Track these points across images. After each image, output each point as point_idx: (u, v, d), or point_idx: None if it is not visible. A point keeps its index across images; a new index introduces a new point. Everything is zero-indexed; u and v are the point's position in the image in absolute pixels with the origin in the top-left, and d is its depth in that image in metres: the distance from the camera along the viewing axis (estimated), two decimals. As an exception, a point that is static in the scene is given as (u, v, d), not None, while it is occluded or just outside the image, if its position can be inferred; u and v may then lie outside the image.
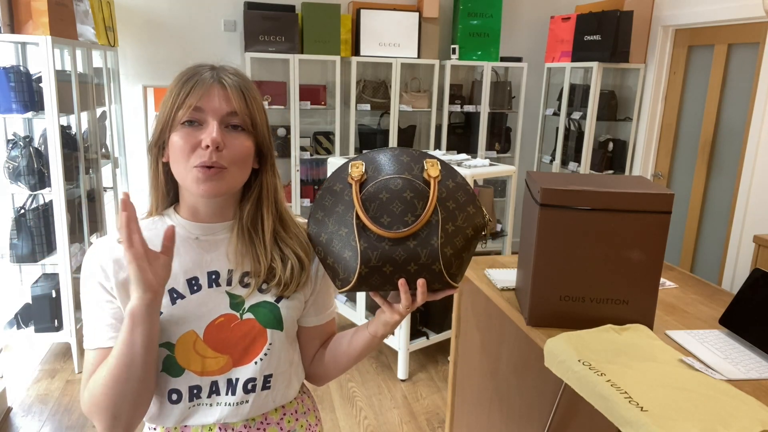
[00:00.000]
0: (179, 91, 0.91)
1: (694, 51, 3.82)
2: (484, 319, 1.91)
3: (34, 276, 3.23)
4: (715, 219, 3.64)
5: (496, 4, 4.48)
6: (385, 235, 0.91)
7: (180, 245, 0.97)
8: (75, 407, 2.75)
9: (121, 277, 0.94)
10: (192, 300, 0.95)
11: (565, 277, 1.40)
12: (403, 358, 3.04)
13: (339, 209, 0.96)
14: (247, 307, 0.97)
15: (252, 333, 0.97)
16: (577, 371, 1.22)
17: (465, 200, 0.97)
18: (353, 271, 0.92)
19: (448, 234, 0.93)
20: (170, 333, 0.93)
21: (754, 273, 1.44)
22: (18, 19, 2.68)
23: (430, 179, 0.94)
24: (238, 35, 4.29)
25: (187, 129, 0.90)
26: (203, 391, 0.97)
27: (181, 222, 0.99)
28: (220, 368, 0.96)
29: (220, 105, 0.91)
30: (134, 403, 0.90)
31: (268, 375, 1.00)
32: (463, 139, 4.79)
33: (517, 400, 1.70)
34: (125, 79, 4.16)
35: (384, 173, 0.96)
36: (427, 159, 0.97)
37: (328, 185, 0.99)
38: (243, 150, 0.93)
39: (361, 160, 0.98)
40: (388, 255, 0.91)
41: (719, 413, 1.07)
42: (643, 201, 1.34)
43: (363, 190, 0.95)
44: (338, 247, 0.94)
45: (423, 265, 0.91)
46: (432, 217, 0.92)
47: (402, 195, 0.93)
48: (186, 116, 0.90)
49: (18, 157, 2.83)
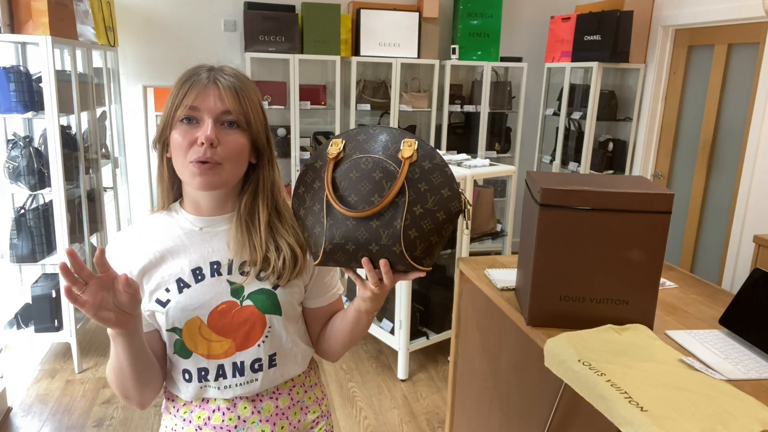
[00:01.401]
0: (178, 91, 0.97)
1: (694, 51, 3.82)
2: (484, 319, 1.91)
3: (34, 276, 3.23)
4: (715, 219, 3.64)
5: (496, 4, 4.48)
6: (347, 214, 0.92)
7: (185, 237, 1.05)
8: (75, 407, 2.75)
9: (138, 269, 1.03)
10: (197, 289, 1.02)
11: (565, 277, 1.40)
12: (403, 358, 3.04)
13: (316, 185, 0.98)
14: (247, 294, 1.04)
15: (252, 319, 1.03)
16: (577, 371, 1.22)
17: (440, 183, 0.94)
18: (320, 246, 0.95)
19: (414, 216, 0.92)
20: (178, 319, 1.01)
21: (754, 273, 1.44)
22: (18, 19, 2.68)
23: (402, 159, 0.94)
24: (238, 35, 4.29)
25: (185, 126, 0.96)
26: (210, 374, 1.05)
27: (185, 216, 1.07)
28: (225, 352, 1.04)
29: (215, 104, 0.96)
30: (138, 390, 1.01)
31: (273, 354, 1.07)
32: (463, 139, 4.79)
33: (517, 400, 1.70)
34: (125, 79, 4.16)
35: (359, 152, 0.97)
36: (405, 138, 0.96)
37: (311, 161, 1.01)
38: (237, 146, 0.98)
39: (342, 137, 1.00)
40: (351, 233, 0.92)
41: (719, 413, 1.07)
42: (643, 201, 1.34)
43: (336, 169, 0.96)
44: (311, 222, 0.97)
45: (384, 246, 0.92)
46: (398, 198, 0.92)
47: (371, 175, 0.94)
48: (184, 114, 0.96)
49: (18, 157, 2.83)
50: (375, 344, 3.44)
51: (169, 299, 1.01)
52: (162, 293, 1.02)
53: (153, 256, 1.03)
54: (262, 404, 1.09)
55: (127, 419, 2.67)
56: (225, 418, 1.07)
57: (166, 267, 1.03)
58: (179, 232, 1.05)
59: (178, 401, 1.11)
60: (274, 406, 1.10)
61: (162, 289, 1.02)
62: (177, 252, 1.04)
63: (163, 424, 1.14)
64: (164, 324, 1.02)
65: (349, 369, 3.18)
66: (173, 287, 1.02)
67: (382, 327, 3.12)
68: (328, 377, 3.10)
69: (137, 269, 1.03)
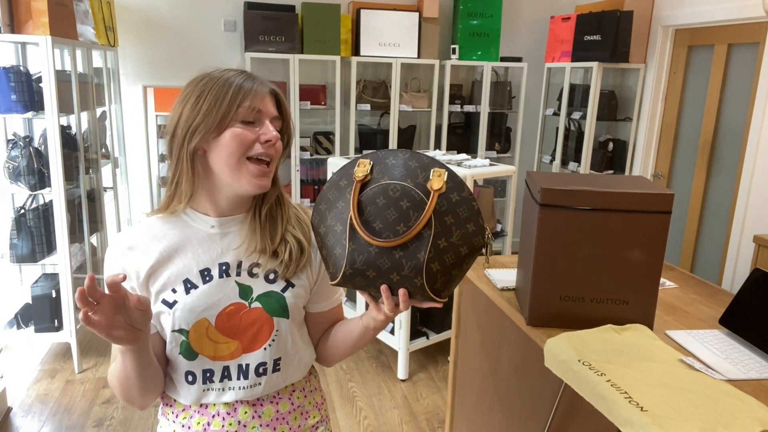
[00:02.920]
0: (231, 91, 0.98)
1: (694, 51, 3.82)
2: (484, 319, 1.91)
3: (34, 276, 3.23)
4: (715, 219, 3.64)
5: (496, 4, 4.48)
6: (371, 242, 0.91)
7: (194, 238, 1.05)
8: (75, 407, 2.75)
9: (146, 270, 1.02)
10: (204, 290, 1.02)
11: (565, 277, 1.40)
12: (403, 358, 3.04)
13: (339, 205, 0.97)
14: (255, 296, 1.04)
15: (260, 321, 1.04)
16: (577, 371, 1.22)
17: (466, 217, 0.94)
18: (339, 269, 0.94)
19: (438, 249, 0.91)
20: (185, 320, 1.01)
21: (754, 273, 1.44)
22: (18, 19, 2.68)
23: (431, 190, 0.93)
24: (238, 35, 4.29)
25: (247, 126, 1.00)
26: (215, 375, 1.04)
27: (196, 215, 1.07)
28: (231, 353, 1.03)
29: (270, 109, 1.03)
30: (141, 395, 1.02)
31: (278, 358, 1.07)
32: (463, 139, 4.79)
33: (517, 400, 1.70)
34: (125, 79, 4.16)
35: (387, 177, 0.95)
36: (435, 168, 0.95)
37: (335, 178, 1.00)
38: (281, 149, 1.05)
39: (370, 158, 0.98)
40: (373, 261, 0.91)
41: (719, 413, 1.07)
42: (643, 201, 1.34)
43: (363, 192, 0.95)
44: (332, 241, 0.96)
45: (405, 277, 0.91)
46: (424, 231, 0.91)
47: (398, 203, 0.92)
48: (249, 116, 1.00)
49: (18, 157, 2.83)
50: (375, 344, 3.44)
51: (176, 300, 1.01)
52: (168, 294, 1.01)
53: (160, 256, 1.03)
54: (262, 409, 1.09)
55: (127, 419, 2.67)
56: (225, 423, 1.06)
57: (173, 267, 1.02)
58: (188, 232, 1.05)
59: (176, 406, 1.09)
60: (274, 411, 1.10)
61: (168, 289, 1.02)
62: (185, 252, 1.03)
63: (162, 427, 1.12)
64: (170, 325, 1.01)
65: (349, 369, 3.18)
66: (180, 288, 1.01)
67: (382, 327, 3.12)
68: (328, 377, 3.10)
69: (144, 269, 1.02)
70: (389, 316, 0.98)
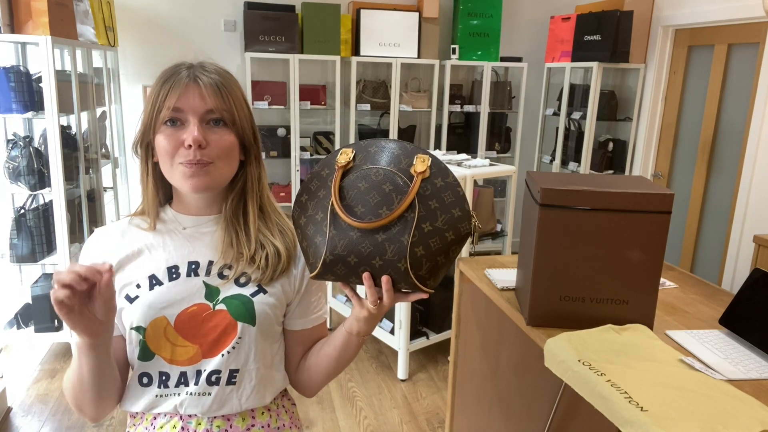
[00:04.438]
0: (158, 92, 0.93)
1: (694, 51, 3.82)
2: (484, 319, 1.91)
3: (34, 276, 3.23)
4: (715, 219, 3.64)
5: (496, 4, 4.48)
6: (352, 225, 0.88)
7: (167, 235, 1.02)
8: (75, 407, 2.75)
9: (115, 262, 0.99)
10: (169, 287, 0.97)
11: (565, 277, 1.40)
12: (403, 358, 3.04)
13: (321, 194, 0.95)
14: (221, 298, 0.98)
15: (222, 324, 0.97)
16: (577, 371, 1.22)
17: (451, 202, 0.92)
18: (319, 258, 0.90)
19: (423, 233, 0.89)
20: (143, 317, 0.96)
21: (754, 273, 1.44)
22: (18, 19, 2.68)
23: (415, 174, 0.91)
24: (238, 35, 4.29)
25: (170, 129, 0.93)
26: (171, 380, 0.98)
27: (171, 213, 1.04)
28: (189, 359, 0.97)
29: (198, 103, 0.93)
30: (95, 403, 0.96)
31: (234, 370, 0.99)
32: (463, 139, 4.79)
33: (517, 400, 1.70)
34: (125, 79, 4.16)
35: (370, 163, 0.93)
36: (419, 154, 0.93)
37: (317, 169, 0.98)
38: (225, 144, 0.95)
39: (353, 147, 0.96)
40: (354, 245, 0.88)
41: (719, 413, 1.07)
42: (643, 201, 1.34)
43: (344, 178, 0.93)
44: (312, 231, 0.93)
45: (388, 261, 0.88)
46: (407, 213, 0.89)
47: (381, 187, 0.90)
48: (167, 116, 0.92)
49: (18, 157, 2.83)
50: (375, 344, 3.44)
51: (138, 295, 0.96)
52: (132, 289, 0.97)
53: (131, 251, 1.00)
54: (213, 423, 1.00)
55: (127, 419, 2.67)
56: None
57: (141, 262, 0.99)
58: (163, 230, 1.02)
59: (128, 416, 1.04)
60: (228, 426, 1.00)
61: (133, 284, 0.98)
62: (156, 249, 1.00)
63: None
64: (128, 322, 0.96)
65: (349, 369, 3.18)
66: (144, 283, 0.97)
67: (382, 327, 3.12)
68: (328, 377, 3.10)
69: (113, 262, 0.99)
70: (372, 313, 0.93)
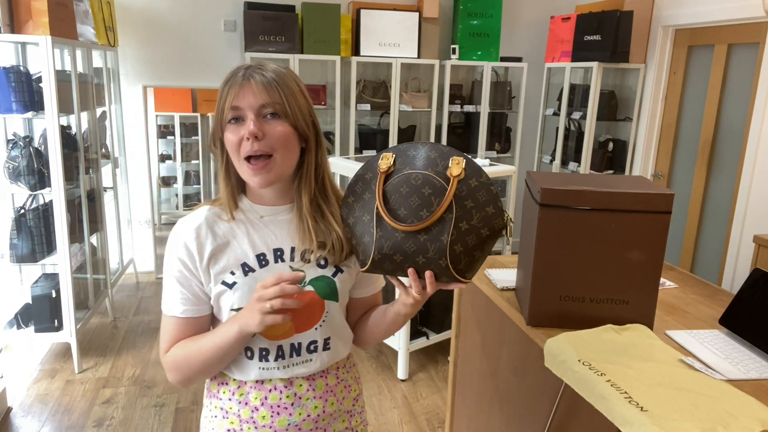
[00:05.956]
0: (221, 94, 1.04)
1: (694, 51, 3.83)
2: (484, 319, 1.91)
3: (34, 276, 3.23)
4: (715, 219, 3.64)
5: (496, 4, 4.48)
6: (397, 228, 0.97)
7: (248, 224, 1.11)
8: (75, 407, 2.75)
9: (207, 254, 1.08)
10: (261, 273, 1.08)
11: (565, 277, 1.40)
12: (403, 358, 3.04)
13: (366, 196, 1.04)
14: (308, 280, 1.10)
15: (312, 303, 1.11)
16: (577, 371, 1.22)
17: (485, 200, 1.00)
18: (369, 255, 1.00)
19: (460, 232, 0.97)
20: (246, 300, 1.07)
21: (754, 273, 1.44)
22: (18, 19, 2.68)
23: (451, 177, 0.99)
24: (238, 35, 4.29)
25: (233, 125, 1.03)
26: (271, 354, 1.11)
27: (246, 203, 1.13)
28: (284, 333, 1.10)
29: (252, 100, 1.01)
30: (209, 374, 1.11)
31: (327, 338, 1.15)
32: (463, 139, 4.80)
33: (517, 400, 1.70)
34: (125, 79, 4.16)
35: (410, 167, 1.02)
36: (454, 156, 1.02)
37: (361, 172, 1.07)
38: (281, 134, 1.03)
39: (392, 152, 1.05)
40: (400, 245, 0.98)
41: (719, 413, 1.07)
42: (643, 201, 1.34)
43: (387, 182, 1.02)
44: (360, 231, 1.03)
45: (430, 259, 0.97)
46: (445, 215, 0.97)
47: (420, 190, 0.99)
48: (230, 116, 1.02)
49: (18, 157, 2.83)
50: (375, 344, 3.44)
51: (235, 281, 1.07)
52: (228, 276, 1.07)
53: (220, 242, 1.09)
54: (315, 382, 1.16)
55: (127, 419, 2.67)
56: (282, 396, 1.13)
57: (231, 252, 1.09)
58: (241, 218, 1.11)
59: (231, 384, 1.14)
60: (324, 384, 1.17)
61: (227, 272, 1.07)
62: (241, 238, 1.10)
63: (212, 407, 1.16)
64: (229, 304, 1.07)
65: (349, 369, 3.18)
66: (238, 271, 1.08)
67: (382, 327, 3.12)
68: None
69: (207, 252, 1.08)
70: (418, 300, 1.02)
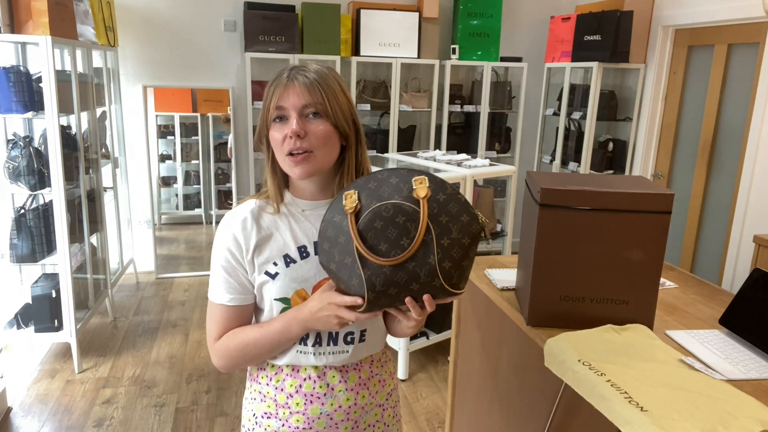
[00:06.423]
0: (267, 94, 1.10)
1: (694, 51, 3.83)
2: (484, 319, 1.91)
3: (34, 276, 3.23)
4: (715, 219, 3.64)
5: (496, 4, 4.48)
6: (383, 264, 0.96)
7: (290, 217, 1.17)
8: (75, 407, 2.75)
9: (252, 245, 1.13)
10: (302, 264, 1.14)
11: (565, 277, 1.40)
12: (403, 358, 3.04)
13: (341, 240, 1.01)
14: None
15: None
16: (577, 371, 1.22)
17: (458, 210, 0.99)
18: (362, 297, 0.98)
19: (444, 248, 0.97)
20: (286, 289, 1.13)
21: (754, 273, 1.44)
22: (18, 19, 2.68)
23: (419, 198, 0.98)
24: (238, 35, 4.29)
25: (278, 124, 1.09)
26: (309, 339, 1.16)
27: (289, 197, 1.19)
28: None
29: (295, 100, 1.07)
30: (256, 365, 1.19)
31: (363, 330, 1.19)
32: (463, 139, 4.80)
33: (517, 400, 1.70)
34: (125, 79, 4.16)
35: (376, 200, 1.00)
36: (414, 177, 1.01)
37: (328, 217, 1.05)
38: (321, 133, 1.08)
39: (353, 188, 1.04)
40: (391, 279, 0.96)
41: (719, 413, 1.07)
42: (643, 201, 1.34)
43: (359, 221, 1.00)
44: (346, 275, 1.00)
45: (424, 283, 0.97)
46: (426, 237, 0.96)
47: (395, 220, 0.97)
48: (274, 115, 1.09)
49: (18, 157, 2.83)
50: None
51: (278, 272, 1.13)
52: (270, 266, 1.13)
53: (264, 234, 1.14)
54: (347, 374, 1.20)
55: (127, 419, 2.67)
56: (316, 386, 1.17)
57: (273, 243, 1.14)
58: (285, 211, 1.17)
59: (269, 369, 1.20)
60: (357, 377, 1.21)
61: (270, 263, 1.13)
62: (284, 230, 1.15)
63: (252, 390, 1.23)
64: (272, 294, 1.13)
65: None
66: (280, 261, 1.13)
67: (382, 327, 3.13)
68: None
69: (252, 243, 1.13)
70: (419, 320, 1.05)
